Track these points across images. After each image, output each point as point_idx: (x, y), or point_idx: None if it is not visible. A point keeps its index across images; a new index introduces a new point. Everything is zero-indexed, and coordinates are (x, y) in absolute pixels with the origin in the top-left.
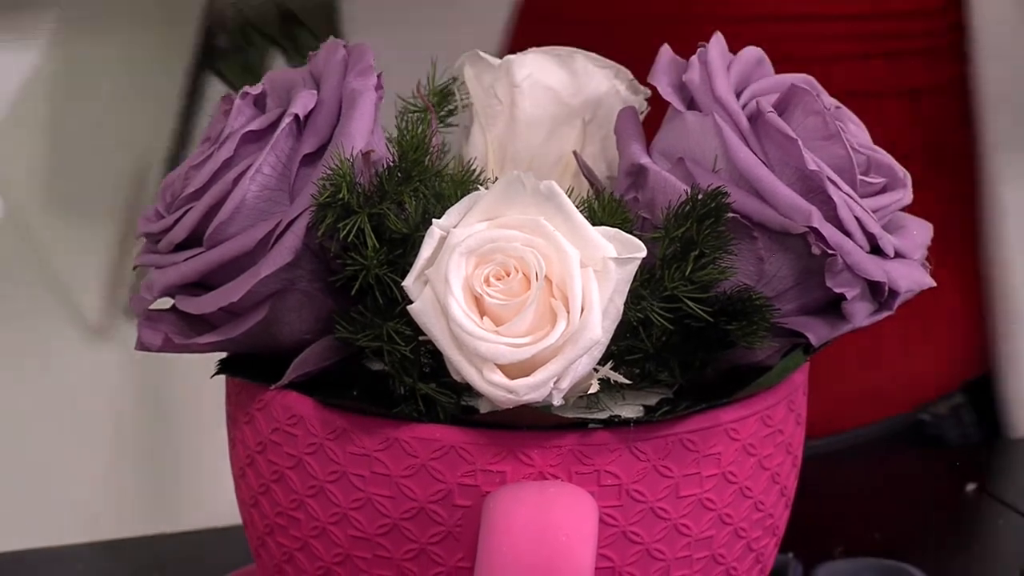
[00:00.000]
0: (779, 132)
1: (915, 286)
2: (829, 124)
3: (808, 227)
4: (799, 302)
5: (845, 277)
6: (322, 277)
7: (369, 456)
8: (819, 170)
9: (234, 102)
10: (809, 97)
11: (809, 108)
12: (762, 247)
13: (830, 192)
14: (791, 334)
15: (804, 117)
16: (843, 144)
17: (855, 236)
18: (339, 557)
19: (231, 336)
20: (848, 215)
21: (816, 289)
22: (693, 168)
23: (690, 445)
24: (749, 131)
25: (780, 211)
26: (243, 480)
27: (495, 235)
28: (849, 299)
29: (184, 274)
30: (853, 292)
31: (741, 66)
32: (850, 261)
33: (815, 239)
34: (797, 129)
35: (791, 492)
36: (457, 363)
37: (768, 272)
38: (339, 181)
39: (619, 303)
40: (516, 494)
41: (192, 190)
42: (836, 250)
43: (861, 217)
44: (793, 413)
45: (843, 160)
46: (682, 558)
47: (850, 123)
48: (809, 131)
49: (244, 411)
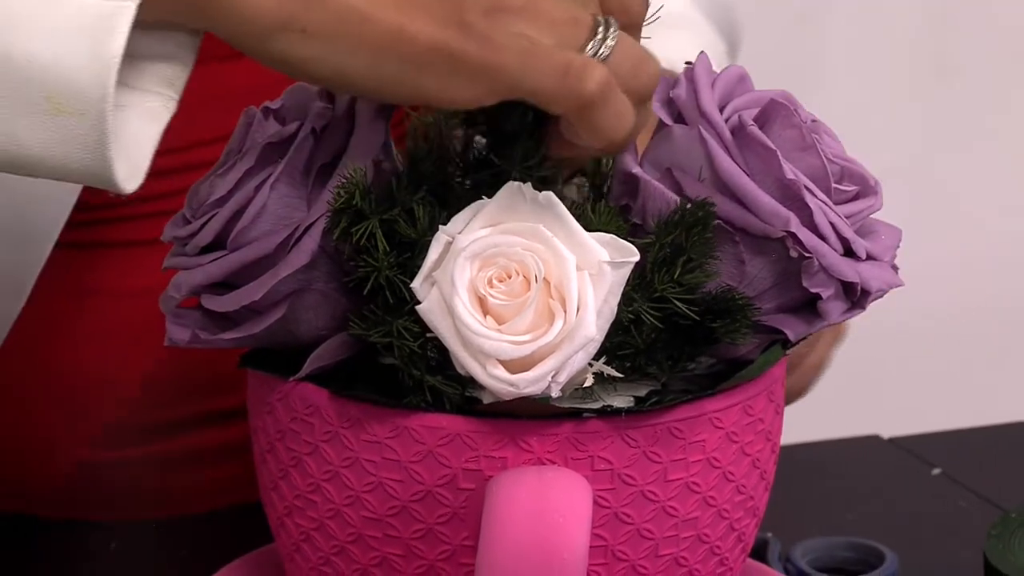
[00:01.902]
0: (759, 144)
1: (885, 286)
2: (806, 136)
3: (786, 231)
4: (778, 301)
5: (821, 278)
6: (337, 278)
7: (380, 443)
8: (796, 179)
9: (255, 116)
10: (787, 111)
11: (787, 121)
12: (744, 250)
13: (807, 199)
14: (770, 331)
15: (783, 130)
16: (818, 155)
17: (830, 240)
18: (352, 536)
19: (253, 332)
20: (823, 220)
21: (794, 289)
22: (680, 177)
23: (677, 433)
24: (732, 143)
25: (761, 217)
26: (264, 465)
27: (497, 240)
28: (824, 298)
29: (209, 275)
30: (828, 292)
31: (724, 82)
32: (825, 263)
33: (793, 243)
34: (776, 141)
35: (770, 476)
36: (462, 358)
37: (749, 273)
38: (353, 189)
39: (613, 303)
40: (516, 478)
41: (216, 197)
42: (812, 253)
43: (835, 222)
44: (772, 403)
45: (819, 170)
46: (670, 537)
47: (825, 136)
48: (787, 142)
49: (265, 401)
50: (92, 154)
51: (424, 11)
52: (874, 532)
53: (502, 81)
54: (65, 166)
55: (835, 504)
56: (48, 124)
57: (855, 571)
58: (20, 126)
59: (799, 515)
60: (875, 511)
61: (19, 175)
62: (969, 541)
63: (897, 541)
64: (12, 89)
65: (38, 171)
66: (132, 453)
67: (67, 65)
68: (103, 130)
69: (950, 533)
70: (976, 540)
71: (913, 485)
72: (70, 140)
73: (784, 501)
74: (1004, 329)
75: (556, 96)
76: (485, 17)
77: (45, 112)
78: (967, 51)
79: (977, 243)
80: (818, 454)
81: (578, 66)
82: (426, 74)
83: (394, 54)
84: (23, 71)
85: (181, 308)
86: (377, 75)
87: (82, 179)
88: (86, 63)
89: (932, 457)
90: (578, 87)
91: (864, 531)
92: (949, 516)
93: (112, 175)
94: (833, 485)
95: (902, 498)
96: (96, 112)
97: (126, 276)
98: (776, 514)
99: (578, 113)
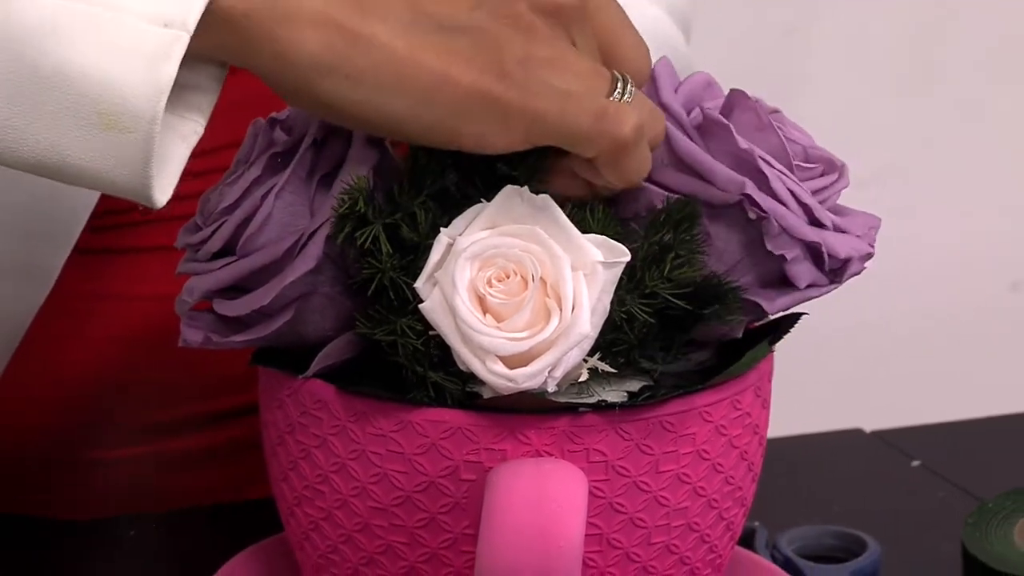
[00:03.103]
0: (716, 123)
1: (854, 252)
2: (762, 117)
3: (743, 194)
4: (751, 274)
5: (783, 240)
6: (341, 281)
7: (385, 436)
8: (750, 149)
9: (262, 127)
10: (746, 99)
11: (745, 107)
12: (708, 223)
13: (762, 168)
14: (750, 306)
15: (740, 114)
16: (775, 132)
17: (789, 204)
18: (359, 525)
19: (262, 334)
20: (780, 186)
21: (765, 262)
22: None
23: (668, 426)
24: (692, 128)
25: (718, 185)
26: (274, 458)
27: (496, 242)
28: (790, 260)
29: (220, 280)
30: (792, 253)
31: (690, 87)
32: (784, 224)
33: (749, 204)
34: (734, 124)
35: (758, 467)
36: (463, 355)
37: (717, 247)
38: (356, 195)
39: (606, 301)
40: (515, 469)
41: (226, 205)
42: (770, 213)
43: (794, 189)
44: (760, 398)
45: (776, 146)
46: (661, 526)
47: (790, 126)
48: (744, 124)
49: (275, 397)
50: (134, 170)
51: (464, 59)
52: (857, 521)
53: (540, 125)
54: (106, 179)
55: (820, 494)
56: (97, 138)
57: (839, 558)
58: (69, 138)
59: (785, 505)
60: (858, 501)
61: (54, 180)
62: (947, 530)
63: (879, 530)
64: (66, 102)
65: (77, 181)
66: (141, 451)
67: (121, 84)
68: (149, 148)
69: (929, 522)
70: (954, 529)
71: (894, 476)
72: (115, 155)
73: (771, 491)
74: (978, 329)
75: (593, 139)
76: (520, 66)
77: (95, 126)
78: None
79: (950, 247)
80: (803, 447)
81: (613, 111)
82: (466, 119)
83: (437, 98)
84: (77, 85)
85: (194, 311)
86: (418, 119)
87: (120, 192)
88: (140, 84)
89: (912, 450)
90: (614, 130)
91: (847, 520)
92: (928, 506)
93: (151, 191)
94: (818, 476)
95: (883, 489)
96: (145, 131)
97: (135, 281)
98: (763, 504)
99: (612, 155)
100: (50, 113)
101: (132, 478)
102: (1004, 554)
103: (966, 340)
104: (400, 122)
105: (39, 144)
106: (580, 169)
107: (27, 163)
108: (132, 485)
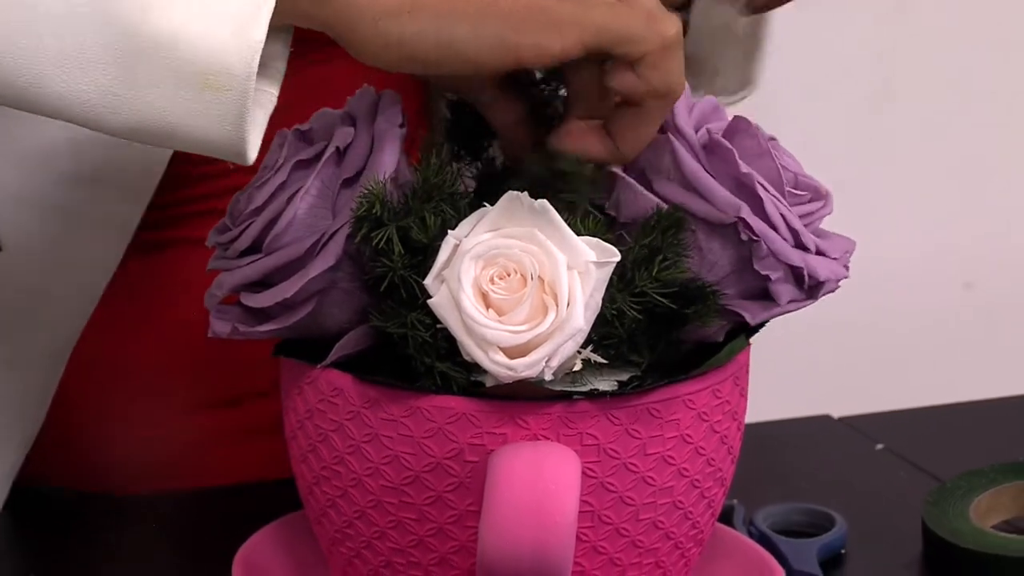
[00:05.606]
0: (720, 147)
1: (832, 275)
2: (762, 143)
3: (738, 217)
4: (738, 288)
5: (770, 262)
6: (358, 277)
7: (396, 421)
8: (750, 174)
9: (288, 137)
10: (748, 126)
11: (747, 133)
12: (702, 239)
13: (758, 192)
14: (732, 315)
15: (743, 139)
16: (772, 159)
17: (779, 229)
18: (372, 502)
19: (285, 325)
20: (774, 211)
21: (751, 279)
22: (653, 176)
23: (655, 413)
24: (700, 150)
25: (717, 206)
26: (294, 441)
27: (498, 243)
28: (773, 280)
29: (247, 275)
30: (776, 275)
31: (700, 110)
32: (773, 248)
33: (743, 227)
34: (736, 148)
35: (736, 450)
36: (468, 346)
37: (709, 260)
38: (373, 199)
39: (598, 298)
40: (515, 452)
41: (254, 207)
42: (761, 237)
43: (785, 214)
44: (738, 387)
45: (773, 172)
46: (648, 503)
47: (783, 153)
48: (745, 149)
49: (295, 385)
50: (231, 126)
51: None
52: (826, 499)
53: (592, 27)
54: (204, 137)
55: (792, 475)
56: (196, 98)
57: (809, 533)
58: (169, 100)
59: (761, 485)
60: (826, 481)
61: (151, 144)
62: (909, 508)
63: (846, 507)
64: (165, 65)
65: (174, 142)
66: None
67: (217, 45)
68: (244, 105)
69: (892, 500)
70: (915, 507)
71: (860, 459)
72: (214, 113)
73: (748, 472)
74: (937, 324)
75: (646, 38)
76: None
77: (193, 87)
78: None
79: (912, 251)
80: (777, 431)
81: (660, 14)
82: (523, 31)
83: (494, 16)
84: (176, 49)
85: (223, 304)
86: (478, 39)
87: (215, 150)
88: (234, 44)
89: (876, 434)
90: (662, 29)
91: (817, 499)
92: (891, 485)
93: (246, 146)
94: (790, 458)
95: (850, 470)
96: (241, 88)
97: (194, 269)
98: (741, 483)
99: (659, 54)
100: (150, 77)
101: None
102: (961, 530)
103: (926, 334)
104: (463, 44)
105: (140, 108)
106: (620, 80)
107: (127, 127)
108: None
